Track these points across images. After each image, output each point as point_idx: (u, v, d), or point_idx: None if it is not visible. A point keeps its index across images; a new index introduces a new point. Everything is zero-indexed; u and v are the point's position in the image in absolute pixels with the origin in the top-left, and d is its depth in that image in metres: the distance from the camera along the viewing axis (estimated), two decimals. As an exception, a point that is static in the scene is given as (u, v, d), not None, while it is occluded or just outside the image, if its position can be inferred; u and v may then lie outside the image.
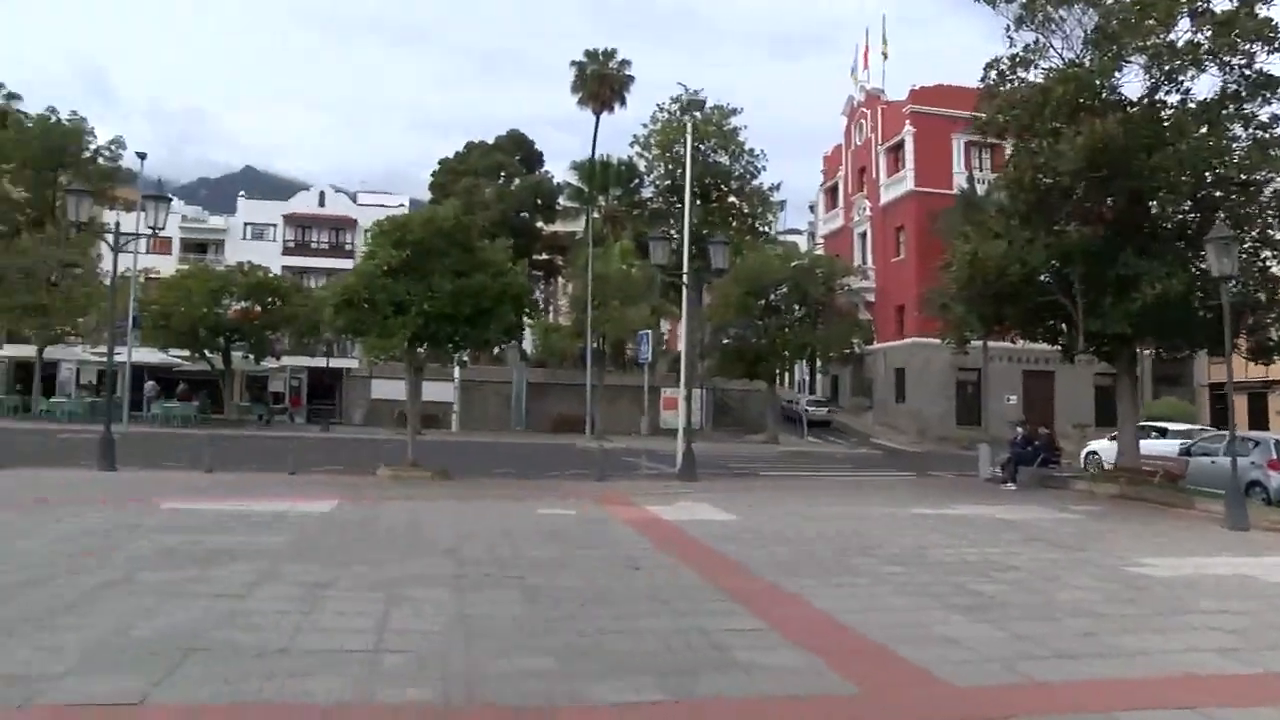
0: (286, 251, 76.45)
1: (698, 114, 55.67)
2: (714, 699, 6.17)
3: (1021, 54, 23.50)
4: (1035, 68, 23.43)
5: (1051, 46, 23.26)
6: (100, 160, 64.09)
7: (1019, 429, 28.43)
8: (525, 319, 23.91)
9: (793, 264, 48.81)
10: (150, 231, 21.86)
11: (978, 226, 25.78)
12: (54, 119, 63.47)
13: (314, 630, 7.51)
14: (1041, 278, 23.97)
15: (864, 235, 62.57)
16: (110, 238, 22.12)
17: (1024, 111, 22.92)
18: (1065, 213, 23.13)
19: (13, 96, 73.02)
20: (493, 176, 71.89)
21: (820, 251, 62.82)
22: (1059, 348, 26.71)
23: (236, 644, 6.99)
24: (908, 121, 55.75)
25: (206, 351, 47.92)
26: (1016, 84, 23.72)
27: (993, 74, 24.12)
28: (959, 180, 52.34)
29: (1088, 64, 22.39)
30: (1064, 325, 25.31)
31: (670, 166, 57.72)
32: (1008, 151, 25.45)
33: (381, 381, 50.83)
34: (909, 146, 56.01)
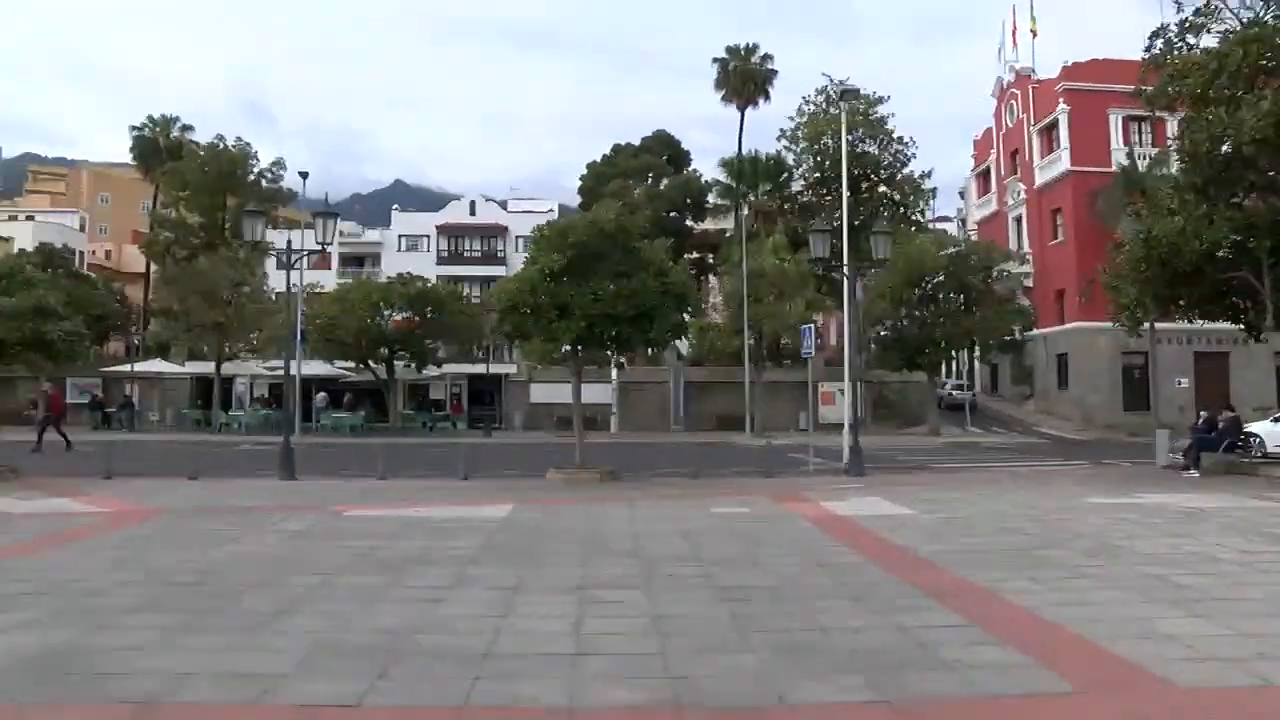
0: (441, 261, 78.15)
1: (851, 104, 55.03)
2: (929, 700, 6.00)
3: (1191, 18, 22.51)
4: (1207, 32, 22.42)
5: (1226, 7, 22.22)
6: (264, 182, 66.59)
7: (1202, 413, 27.26)
8: (688, 317, 23.84)
9: (948, 252, 47.84)
10: (320, 247, 22.53)
11: (1150, 204, 24.83)
12: (221, 146, 66.20)
13: (512, 633, 7.58)
14: (1221, 253, 22.91)
15: (1019, 219, 61.03)
16: (278, 257, 22.70)
17: (1196, 80, 21.92)
18: (1247, 184, 22.08)
19: (186, 128, 76.83)
20: (641, 178, 72.28)
21: (974, 238, 61.42)
22: (1240, 327, 25.53)
23: (440, 648, 7.11)
24: (1061, 100, 54.05)
25: (370, 362, 49.31)
26: (1186, 51, 22.76)
27: (1159, 43, 23.17)
28: (1118, 157, 50.66)
29: (1270, 23, 21.31)
30: (1248, 303, 24.15)
31: (819, 159, 57.08)
32: (1171, 125, 24.44)
33: (540, 386, 51.62)
34: (1063, 125, 54.29)
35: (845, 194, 27.94)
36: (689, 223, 71.36)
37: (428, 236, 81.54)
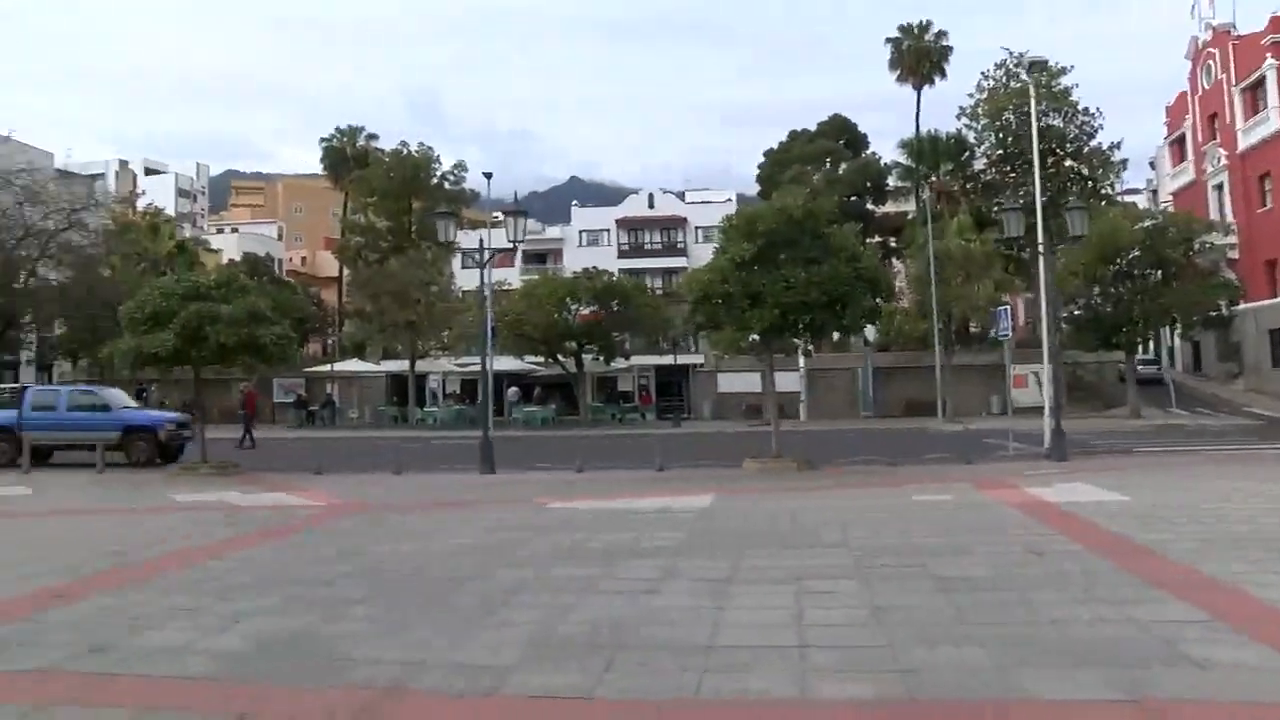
0: (621, 255, 78.82)
1: (1035, 76, 53.14)
2: (1188, 704, 5.62)
3: None
4: None
5: None
6: (446, 185, 68.44)
7: None
8: (880, 302, 23.50)
9: (1144, 225, 45.87)
10: (512, 244, 22.98)
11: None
12: (405, 152, 68.30)
13: (732, 626, 7.52)
14: None
15: (1219, 187, 57.98)
16: (466, 256, 23.28)
17: None
18: None
19: (371, 137, 79.76)
20: (819, 163, 71.62)
21: (1169, 209, 58.68)
22: None
23: (661, 639, 7.11)
24: (1268, 55, 50.93)
25: (559, 356, 50.11)
26: None
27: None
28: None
29: None
30: None
31: (1001, 135, 55.41)
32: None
33: (727, 375, 51.70)
34: (1271, 82, 51.13)
35: (1036, 168, 26.99)
36: (869, 206, 70.33)
37: (608, 231, 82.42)
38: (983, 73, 57.01)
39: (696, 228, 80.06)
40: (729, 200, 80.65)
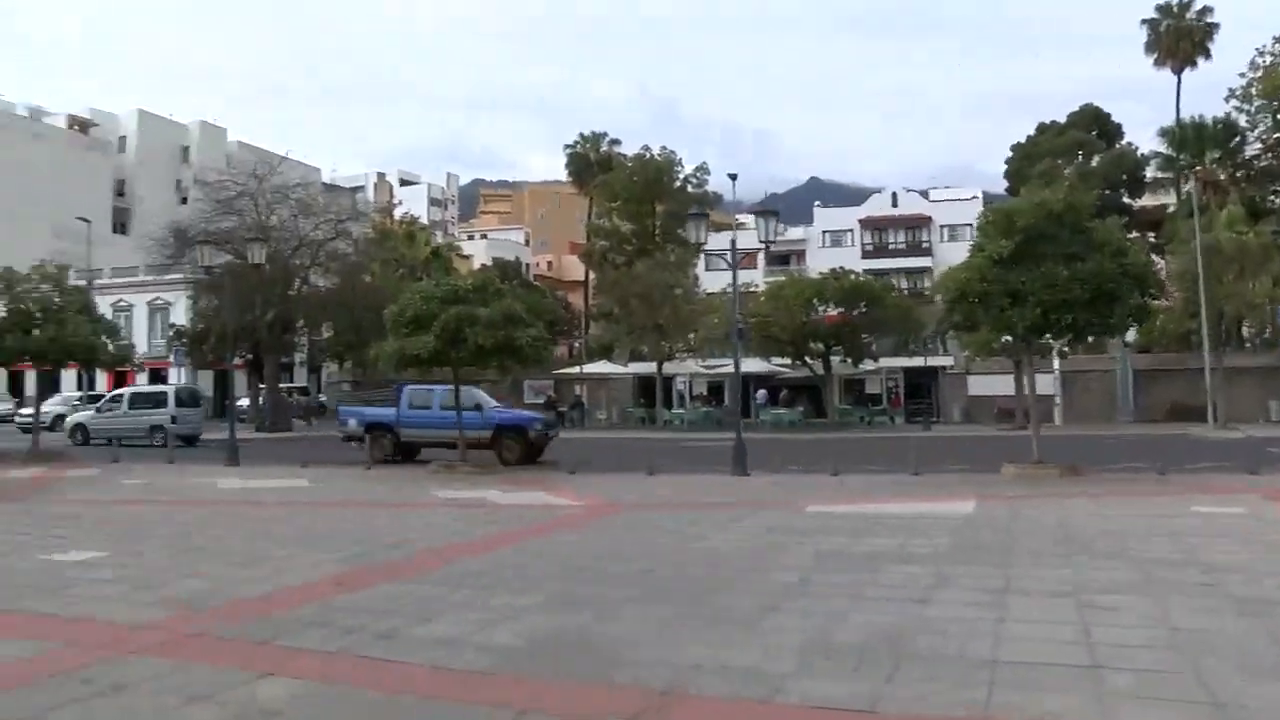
0: (865, 255, 77.81)
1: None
2: None
3: None
4: None
5: None
6: (689, 188, 68.99)
7: None
8: (1149, 301, 22.18)
9: None
10: (764, 245, 22.85)
11: None
12: (647, 156, 69.24)
13: (1014, 640, 7.18)
14: None
15: None
16: (706, 258, 23.28)
17: None
18: None
19: (614, 142, 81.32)
20: (1070, 156, 68.79)
21: None
22: None
23: (939, 651, 6.87)
24: None
25: (806, 358, 49.69)
26: None
27: None
28: None
29: None
30: None
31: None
32: None
33: (978, 378, 50.15)
34: None
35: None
36: (1125, 200, 66.93)
37: (850, 231, 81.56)
38: (1257, 49, 53.43)
39: (942, 226, 78.29)
40: (975, 197, 78.48)
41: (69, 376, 48.59)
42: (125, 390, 42.10)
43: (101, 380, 53.01)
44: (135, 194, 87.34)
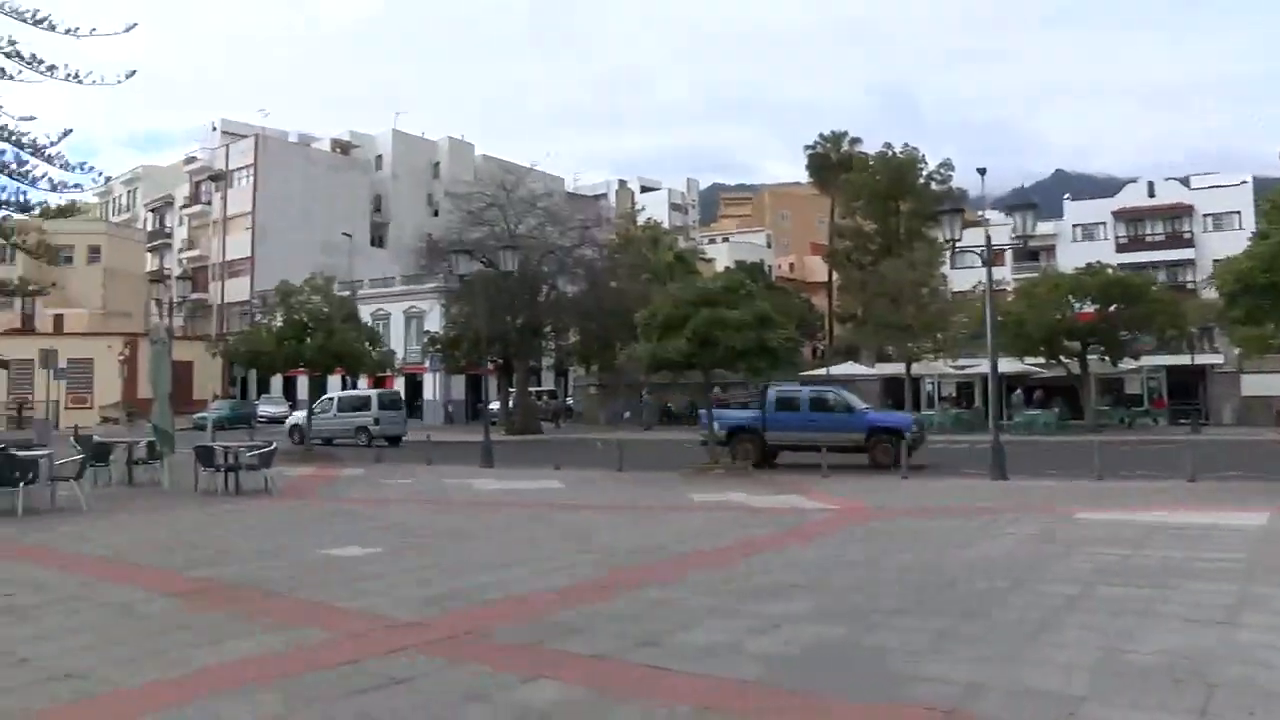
0: (1120, 249, 73.97)
1: None
2: None
3: None
4: None
5: None
6: (933, 185, 67.37)
7: None
8: None
9: None
10: (1021, 240, 21.96)
11: None
12: (890, 154, 67.98)
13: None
14: None
15: None
16: (955, 256, 22.45)
17: None
18: None
19: (854, 141, 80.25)
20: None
21: None
22: None
23: (1257, 682, 6.21)
24: None
25: (1061, 357, 47.64)
26: None
27: None
28: None
29: None
30: None
31: None
32: None
33: (1253, 377, 47.07)
34: None
35: None
36: None
37: (1103, 224, 77.68)
38: None
39: (1205, 215, 73.61)
40: (1244, 182, 73.43)
41: (334, 382, 51.24)
42: (334, 395, 44.51)
43: (362, 385, 55.86)
44: (391, 209, 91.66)
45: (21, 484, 16.21)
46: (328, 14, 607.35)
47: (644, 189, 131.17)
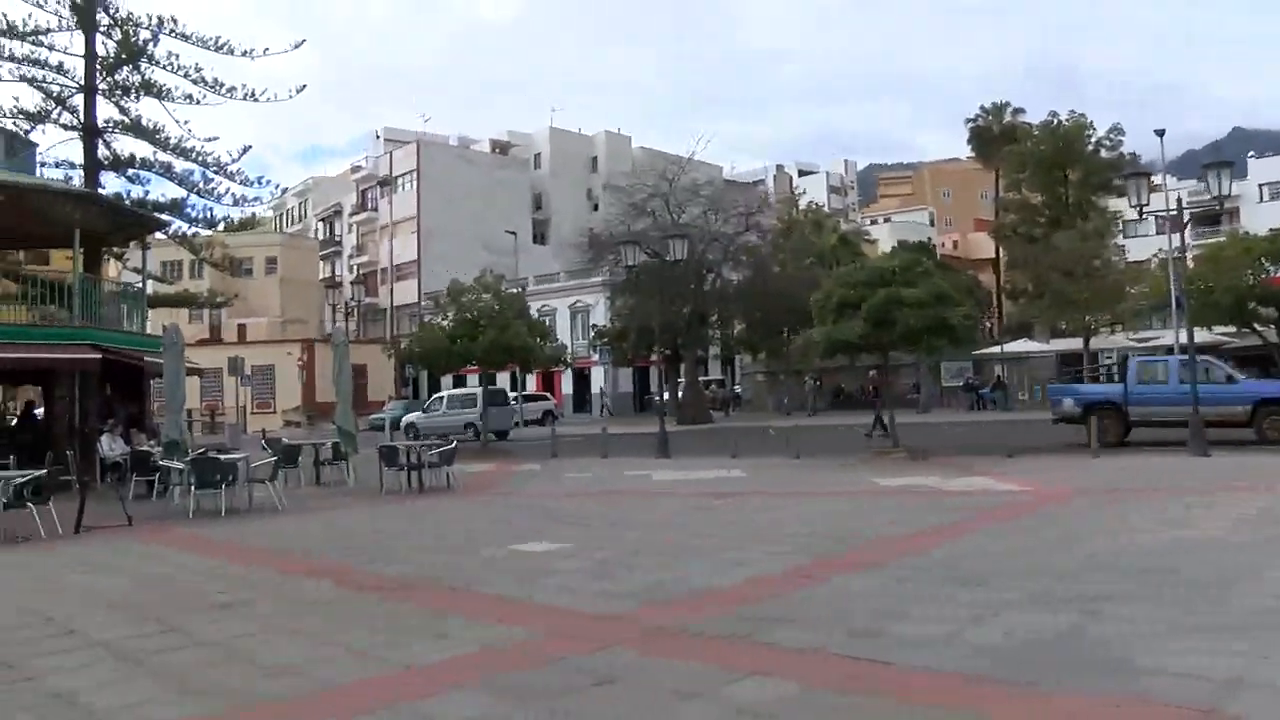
0: (1339, 208, 70.01)
1: None
2: None
3: None
4: None
5: None
6: (1102, 152, 64.92)
7: None
8: None
9: None
10: (1218, 202, 20.81)
11: None
12: (1055, 122, 65.77)
13: None
14: None
15: None
16: (1129, 224, 21.46)
17: None
18: None
19: (1018, 111, 77.88)
20: None
21: None
22: None
23: None
24: None
25: (1255, 325, 45.26)
26: None
27: None
28: None
29: None
30: None
31: None
32: None
33: None
34: None
35: None
36: None
37: (1294, 183, 73.84)
38: None
39: None
40: None
41: (503, 379, 52.19)
42: (444, 393, 47.06)
43: (531, 381, 56.73)
44: (551, 205, 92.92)
45: (223, 485, 17.10)
46: (469, 14, 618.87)
47: (801, 173, 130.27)
